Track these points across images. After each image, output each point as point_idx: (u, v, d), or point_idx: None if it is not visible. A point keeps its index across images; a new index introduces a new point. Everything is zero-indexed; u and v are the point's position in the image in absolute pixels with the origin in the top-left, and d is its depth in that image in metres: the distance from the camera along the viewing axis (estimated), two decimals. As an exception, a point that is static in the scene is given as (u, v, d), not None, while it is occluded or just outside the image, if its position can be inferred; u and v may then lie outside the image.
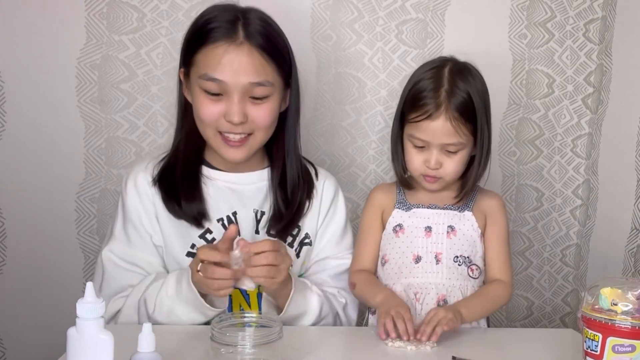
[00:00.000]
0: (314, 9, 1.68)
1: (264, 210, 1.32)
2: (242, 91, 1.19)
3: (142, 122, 1.66)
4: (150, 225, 1.27)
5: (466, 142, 1.26)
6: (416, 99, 1.26)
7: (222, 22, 1.20)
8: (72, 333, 0.82)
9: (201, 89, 1.21)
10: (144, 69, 1.65)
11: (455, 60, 1.30)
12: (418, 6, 1.71)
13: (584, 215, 1.84)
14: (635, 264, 1.55)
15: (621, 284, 1.00)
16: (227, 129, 1.22)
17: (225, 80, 1.18)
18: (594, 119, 1.80)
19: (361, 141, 1.75)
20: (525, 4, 1.75)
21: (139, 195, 1.27)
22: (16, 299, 1.67)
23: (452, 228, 1.32)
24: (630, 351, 0.96)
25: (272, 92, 1.23)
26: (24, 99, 1.61)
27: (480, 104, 1.25)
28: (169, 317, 1.19)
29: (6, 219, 1.65)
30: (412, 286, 1.30)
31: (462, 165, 1.29)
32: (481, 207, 1.35)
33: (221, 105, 1.21)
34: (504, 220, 1.35)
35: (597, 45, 1.79)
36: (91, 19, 1.61)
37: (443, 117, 1.23)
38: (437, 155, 1.26)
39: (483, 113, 1.26)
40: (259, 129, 1.24)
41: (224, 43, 1.18)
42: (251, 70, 1.18)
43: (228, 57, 1.17)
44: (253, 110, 1.21)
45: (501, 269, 1.33)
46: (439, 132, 1.23)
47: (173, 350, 1.03)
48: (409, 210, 1.34)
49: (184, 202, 1.25)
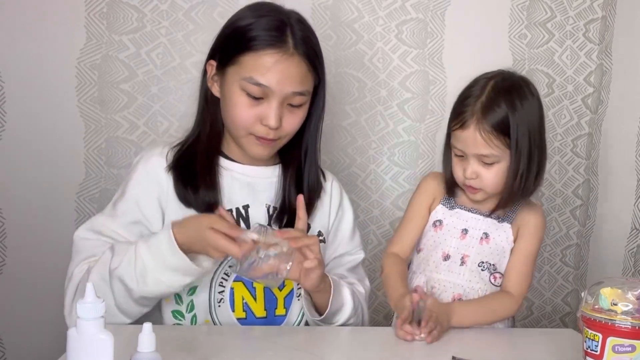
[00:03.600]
0: (314, 9, 1.68)
1: (276, 206, 1.32)
2: (283, 98, 1.21)
3: (142, 122, 1.67)
4: (148, 208, 1.23)
5: (501, 155, 1.24)
6: (457, 107, 1.27)
7: (270, 29, 1.21)
8: (72, 333, 0.82)
9: (242, 90, 1.21)
10: (144, 69, 1.65)
11: (509, 73, 1.29)
12: (418, 6, 1.72)
13: (584, 215, 1.84)
14: (635, 264, 1.55)
15: (621, 284, 1.00)
16: (261, 132, 1.23)
17: (271, 87, 1.20)
18: (594, 119, 1.80)
19: (361, 141, 1.75)
20: (525, 4, 1.75)
21: (147, 177, 1.25)
22: (16, 299, 1.67)
23: (486, 235, 1.32)
24: (630, 351, 0.96)
25: (307, 100, 1.26)
26: (24, 99, 1.62)
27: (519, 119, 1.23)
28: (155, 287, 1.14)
29: (6, 219, 1.65)
30: (432, 280, 1.32)
31: (501, 178, 1.27)
32: (520, 220, 1.33)
33: (259, 109, 1.22)
34: (536, 238, 1.33)
35: (597, 45, 1.79)
36: (91, 19, 1.61)
37: (473, 127, 1.22)
38: (474, 165, 1.26)
39: (524, 130, 1.23)
40: (286, 136, 1.27)
41: (274, 52, 1.19)
42: (297, 80, 1.21)
43: (279, 66, 1.19)
44: (287, 117, 1.24)
45: (515, 282, 1.31)
46: (470, 142, 1.24)
47: (173, 350, 1.03)
48: (452, 209, 1.35)
49: (201, 190, 1.24)
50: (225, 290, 1.25)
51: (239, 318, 1.26)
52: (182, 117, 1.68)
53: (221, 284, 1.24)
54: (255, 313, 1.27)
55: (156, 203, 1.24)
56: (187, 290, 1.23)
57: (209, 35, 1.65)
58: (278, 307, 1.29)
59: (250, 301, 1.27)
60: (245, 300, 1.27)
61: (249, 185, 1.31)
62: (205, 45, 1.65)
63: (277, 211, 1.31)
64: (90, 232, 1.22)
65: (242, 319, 1.26)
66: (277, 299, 1.29)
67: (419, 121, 1.76)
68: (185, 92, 1.67)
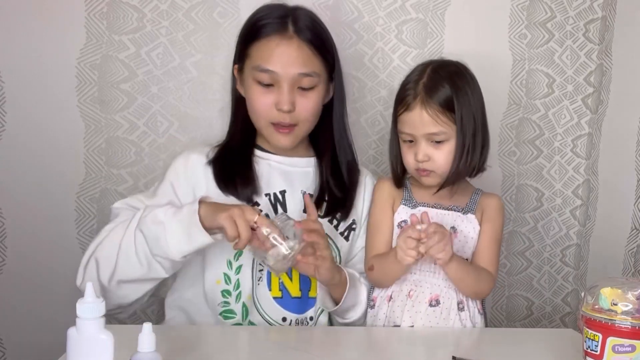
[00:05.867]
0: (314, 9, 1.67)
1: (312, 193, 1.38)
2: (291, 81, 1.29)
3: (142, 122, 1.67)
4: (183, 195, 1.32)
5: (448, 132, 1.26)
6: (400, 94, 1.31)
7: (273, 19, 1.31)
8: (72, 333, 0.82)
9: (254, 80, 1.31)
10: (144, 69, 1.65)
11: (443, 60, 1.34)
12: (418, 6, 1.72)
13: (584, 216, 1.84)
14: (635, 264, 1.55)
15: (621, 284, 1.00)
16: (278, 118, 1.31)
17: (277, 71, 1.28)
18: (594, 119, 1.80)
19: (361, 141, 1.75)
20: (525, 4, 1.75)
21: (185, 169, 1.34)
22: (16, 298, 1.67)
23: (454, 229, 1.32)
24: (630, 351, 0.96)
25: (318, 82, 1.33)
26: (24, 99, 1.62)
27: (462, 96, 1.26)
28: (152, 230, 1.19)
29: (6, 218, 1.65)
30: (407, 281, 1.31)
31: (451, 157, 1.28)
32: (482, 207, 1.36)
33: (272, 96, 1.30)
34: (499, 220, 1.36)
35: (597, 45, 1.79)
36: (91, 19, 1.61)
37: (419, 107, 1.26)
38: (425, 147, 1.28)
39: (465, 103, 1.26)
40: (303, 121, 1.34)
41: (275, 37, 1.30)
42: (300, 61, 1.29)
43: (279, 49, 1.29)
44: (301, 101, 1.31)
45: (489, 262, 1.33)
46: (418, 123, 1.26)
47: (173, 350, 1.03)
48: (415, 208, 1.34)
49: (239, 184, 1.33)
50: (264, 269, 1.31)
51: (275, 297, 1.33)
52: (182, 117, 1.68)
53: (260, 264, 1.30)
54: (290, 292, 1.33)
55: (191, 192, 1.32)
56: (235, 269, 1.31)
57: (209, 35, 1.66)
58: (311, 290, 1.35)
59: (286, 281, 1.34)
60: (282, 279, 1.33)
61: (285, 173, 1.39)
62: (205, 45, 1.67)
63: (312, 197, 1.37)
64: (125, 204, 1.31)
65: (279, 298, 1.33)
66: (312, 282, 1.34)
67: (419, 121, 1.76)
68: (185, 92, 1.67)
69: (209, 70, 1.67)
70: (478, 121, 1.29)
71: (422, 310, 1.28)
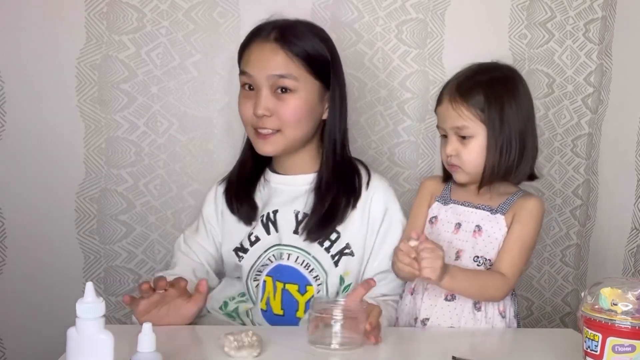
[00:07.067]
0: (314, 9, 1.68)
1: (306, 212, 1.36)
2: (267, 84, 1.29)
3: (142, 122, 1.67)
4: (216, 224, 1.43)
5: (474, 128, 1.27)
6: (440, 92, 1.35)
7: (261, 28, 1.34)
8: (72, 333, 0.82)
9: (241, 87, 1.34)
10: (144, 69, 1.65)
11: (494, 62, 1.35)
12: (418, 6, 1.72)
13: (584, 215, 1.84)
14: (635, 264, 1.55)
15: (621, 284, 1.00)
16: (257, 123, 1.31)
17: (252, 74, 1.30)
18: (594, 119, 1.80)
19: (361, 141, 1.75)
20: (525, 4, 1.75)
21: (215, 200, 1.44)
22: (16, 299, 1.67)
23: (479, 228, 1.32)
24: (630, 351, 0.96)
25: (297, 87, 1.30)
26: (24, 99, 1.62)
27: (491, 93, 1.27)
28: None
29: (6, 219, 1.65)
30: None
31: (479, 155, 1.28)
32: (515, 209, 1.31)
33: (253, 101, 1.31)
34: (531, 224, 1.30)
35: (597, 45, 1.79)
36: (91, 19, 1.61)
37: (446, 101, 1.30)
38: (453, 142, 1.30)
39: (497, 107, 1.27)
40: (287, 126, 1.31)
41: (254, 42, 1.32)
42: (274, 63, 1.29)
43: (256, 52, 1.31)
44: (280, 106, 1.29)
45: (506, 264, 1.27)
46: (445, 115, 1.30)
47: (173, 350, 1.03)
48: (447, 205, 1.35)
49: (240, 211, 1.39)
50: (259, 282, 1.35)
51: (262, 310, 1.35)
52: (182, 117, 1.68)
53: (256, 278, 1.36)
54: (273, 309, 1.34)
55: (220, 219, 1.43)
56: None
57: (209, 35, 1.66)
58: (299, 310, 1.34)
59: (271, 298, 1.34)
60: (269, 295, 1.34)
61: (282, 192, 1.39)
62: (205, 45, 1.67)
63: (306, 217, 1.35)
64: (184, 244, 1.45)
65: (264, 311, 1.34)
66: (299, 302, 1.34)
67: (419, 121, 1.76)
68: (185, 92, 1.67)
69: (209, 70, 1.67)
70: (515, 127, 1.28)
71: (438, 304, 1.29)
